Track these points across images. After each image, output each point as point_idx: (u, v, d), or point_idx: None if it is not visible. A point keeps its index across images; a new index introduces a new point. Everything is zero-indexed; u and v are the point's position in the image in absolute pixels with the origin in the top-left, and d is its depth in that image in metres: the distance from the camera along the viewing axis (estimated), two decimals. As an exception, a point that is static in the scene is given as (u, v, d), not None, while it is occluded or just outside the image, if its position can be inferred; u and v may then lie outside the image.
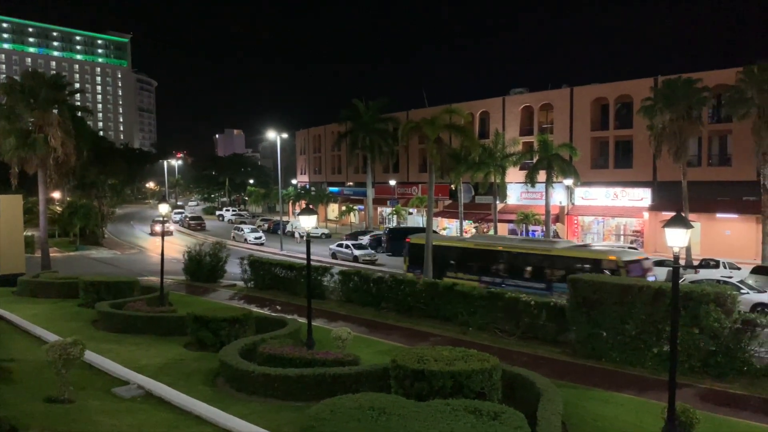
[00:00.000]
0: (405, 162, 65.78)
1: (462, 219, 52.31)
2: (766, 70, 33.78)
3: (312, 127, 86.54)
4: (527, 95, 55.59)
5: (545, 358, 17.80)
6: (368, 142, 56.71)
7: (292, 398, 13.05)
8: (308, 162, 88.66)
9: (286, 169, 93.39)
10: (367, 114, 57.52)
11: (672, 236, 10.11)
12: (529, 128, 53.70)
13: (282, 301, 26.60)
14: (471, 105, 56.23)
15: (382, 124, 57.58)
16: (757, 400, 14.09)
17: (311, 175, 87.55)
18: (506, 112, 55.31)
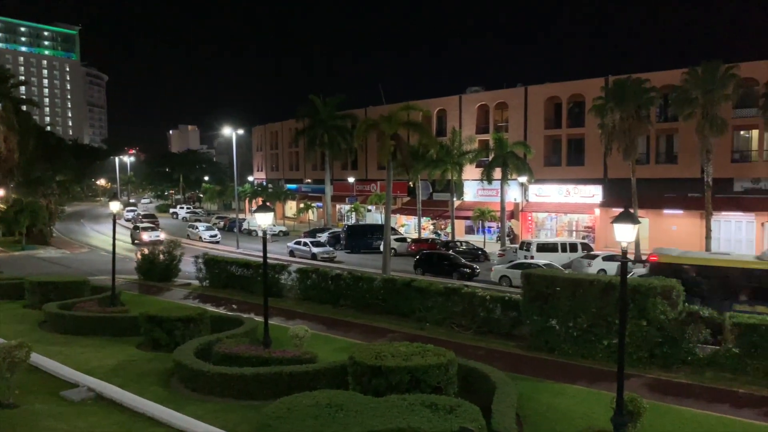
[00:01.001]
0: (364, 159, 65.79)
1: (420, 216, 52.72)
2: (709, 72, 35.19)
3: (269, 123, 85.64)
4: (483, 94, 56.39)
5: (500, 351, 18.12)
6: (326, 139, 56.48)
7: (249, 397, 12.94)
8: (265, 158, 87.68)
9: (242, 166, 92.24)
10: (325, 110, 57.23)
11: (620, 231, 10.44)
12: (485, 126, 54.48)
13: (238, 299, 26.26)
14: (428, 103, 56.61)
15: (340, 121, 57.41)
16: (700, 388, 14.70)
17: (268, 171, 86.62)
18: (463, 110, 55.95)
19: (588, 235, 47.63)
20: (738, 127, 41.43)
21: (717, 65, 35.24)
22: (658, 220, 43.40)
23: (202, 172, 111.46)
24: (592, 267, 32.77)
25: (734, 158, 42.08)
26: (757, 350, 15.27)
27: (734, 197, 40.93)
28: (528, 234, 50.58)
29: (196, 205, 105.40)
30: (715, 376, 15.43)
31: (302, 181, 76.13)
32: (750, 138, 42.35)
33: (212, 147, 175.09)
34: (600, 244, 44.76)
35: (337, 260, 41.71)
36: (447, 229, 53.45)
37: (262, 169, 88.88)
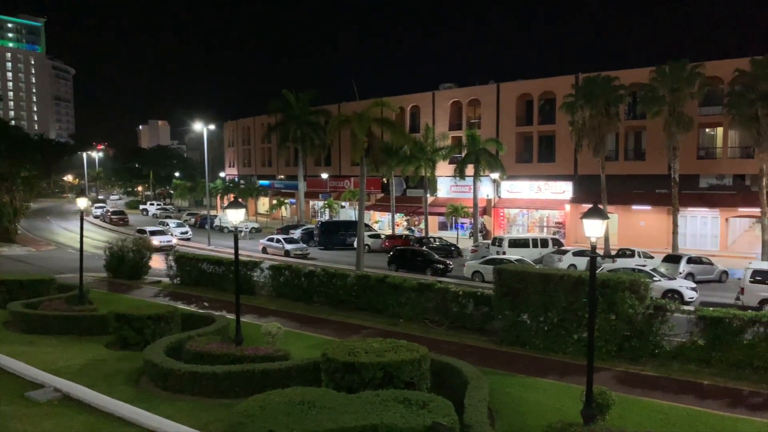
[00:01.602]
0: (337, 155, 65.60)
1: (394, 212, 52.80)
2: (676, 70, 35.92)
3: (241, 119, 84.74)
4: (456, 90, 56.64)
5: (473, 346, 18.28)
6: (299, 135, 56.07)
7: (221, 395, 12.82)
8: (237, 154, 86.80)
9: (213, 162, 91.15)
10: (297, 106, 56.83)
11: (589, 227, 10.61)
12: (458, 123, 54.76)
13: (210, 297, 25.99)
14: (402, 99, 56.72)
15: (313, 117, 57.09)
16: (667, 381, 15.03)
17: (240, 167, 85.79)
18: (436, 106, 56.15)
19: (559, 231, 48.29)
20: (703, 124, 42.39)
21: (683, 64, 36.00)
22: (626, 216, 44.22)
23: (172, 168, 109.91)
24: (562, 262, 33.23)
25: (700, 155, 43.07)
26: (721, 342, 15.70)
27: (700, 193, 41.93)
28: (500, 230, 51.08)
29: (167, 202, 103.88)
30: (681, 368, 15.81)
31: (275, 177, 75.56)
32: (715, 135, 43.39)
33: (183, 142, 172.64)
34: (570, 239, 45.43)
35: (311, 257, 41.56)
36: (421, 225, 53.68)
37: (234, 165, 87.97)
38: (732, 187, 41.51)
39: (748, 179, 40.59)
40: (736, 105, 34.78)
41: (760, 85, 33.52)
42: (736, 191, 40.93)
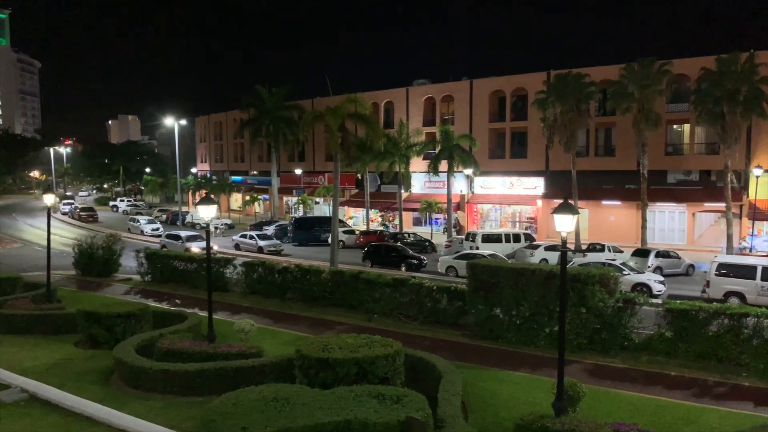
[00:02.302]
0: (311, 151, 65.27)
1: (368, 208, 52.79)
2: (645, 68, 36.57)
3: (213, 114, 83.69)
4: (430, 86, 56.78)
5: (446, 340, 18.41)
6: (272, 130, 55.57)
7: (194, 393, 12.71)
8: (209, 150, 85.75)
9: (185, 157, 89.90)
10: (270, 101, 56.30)
11: (560, 222, 10.76)
12: (431, 119, 54.93)
13: (182, 294, 25.69)
14: (375, 95, 56.65)
15: (286, 112, 56.60)
16: (636, 372, 15.36)
17: (212, 163, 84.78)
18: (410, 102, 56.23)
19: (531, 226, 48.85)
20: (671, 121, 43.27)
21: (652, 62, 36.66)
22: (597, 211, 44.93)
23: (143, 164, 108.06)
24: (534, 257, 33.63)
25: (668, 151, 43.95)
26: (688, 334, 16.08)
27: (668, 189, 42.82)
28: (474, 225, 51.46)
29: (138, 198, 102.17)
30: (649, 359, 16.16)
31: (248, 173, 74.87)
32: (682, 132, 44.31)
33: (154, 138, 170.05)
34: (542, 234, 46.00)
35: (285, 253, 41.31)
36: (395, 221, 53.77)
37: (206, 161, 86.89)
38: (698, 182, 42.49)
39: (713, 175, 41.58)
40: (702, 102, 35.58)
41: (725, 82, 34.31)
42: (703, 186, 41.91)
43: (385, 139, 45.17)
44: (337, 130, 31.27)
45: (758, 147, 39.63)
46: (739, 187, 39.47)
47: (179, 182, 54.32)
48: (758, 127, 38.46)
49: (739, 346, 15.46)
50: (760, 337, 15.33)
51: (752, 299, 22.78)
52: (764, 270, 23.36)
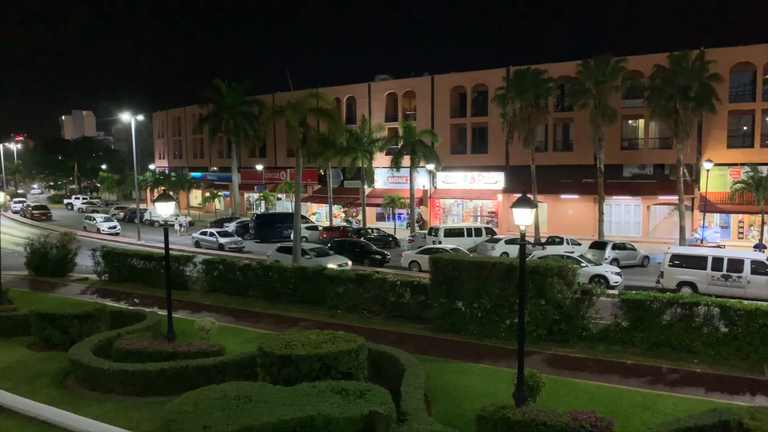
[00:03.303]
0: (272, 146, 64.64)
1: (331, 204, 52.62)
2: (601, 64, 37.41)
3: (171, 109, 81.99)
4: (391, 82, 56.85)
5: (410, 334, 18.53)
6: (232, 126, 54.74)
7: (154, 394, 12.50)
8: (167, 146, 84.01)
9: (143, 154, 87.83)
10: (230, 96, 55.43)
11: (518, 215, 10.94)
12: (394, 114, 55.04)
13: (141, 293, 25.16)
14: (337, 90, 56.42)
15: (246, 107, 55.86)
16: (594, 361, 15.75)
17: (171, 159, 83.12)
18: (372, 98, 56.21)
19: (492, 220, 49.52)
20: (626, 116, 44.39)
21: (608, 58, 37.51)
22: (555, 205, 45.82)
23: (99, 161, 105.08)
24: (495, 250, 34.08)
25: (623, 146, 45.10)
26: (643, 324, 16.57)
27: (623, 182, 43.96)
28: (436, 220, 51.86)
29: (94, 195, 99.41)
30: (607, 349, 16.60)
31: (208, 169, 73.68)
32: (637, 127, 45.53)
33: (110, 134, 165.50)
34: (503, 228, 46.67)
35: (246, 250, 40.86)
36: (358, 216, 53.74)
37: (164, 157, 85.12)
38: (653, 176, 43.75)
39: (667, 169, 42.88)
40: (656, 98, 36.63)
41: (677, 79, 35.40)
42: (657, 180, 43.18)
43: (347, 135, 45.03)
44: (298, 125, 31.00)
45: (709, 141, 41.04)
46: (691, 180, 40.82)
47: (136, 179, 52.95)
48: (709, 122, 39.81)
49: (691, 334, 16.01)
50: (710, 325, 15.92)
51: (703, 289, 23.62)
52: (715, 260, 24.22)
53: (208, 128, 57.64)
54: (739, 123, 42.05)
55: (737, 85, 41.23)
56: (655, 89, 37.09)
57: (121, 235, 50.15)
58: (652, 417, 11.71)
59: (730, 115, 40.86)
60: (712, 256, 24.66)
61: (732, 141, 41.46)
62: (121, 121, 76.92)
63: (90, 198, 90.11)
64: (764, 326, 15.10)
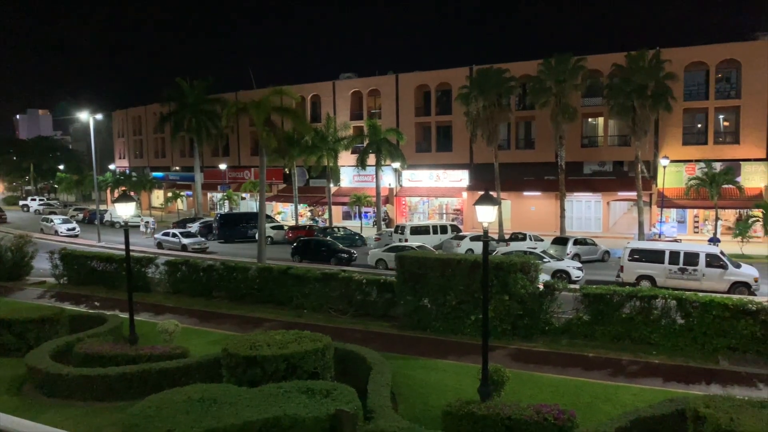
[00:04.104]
0: (236, 145, 63.89)
1: (297, 203, 52.30)
2: (561, 63, 38.10)
3: (131, 108, 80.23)
4: (356, 80, 56.80)
5: (376, 332, 18.58)
6: (194, 124, 53.83)
7: (116, 398, 12.26)
8: (128, 145, 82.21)
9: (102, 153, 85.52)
10: (192, 94, 54.50)
11: (481, 212, 11.08)
12: (359, 113, 55.00)
13: (101, 296, 24.60)
14: (301, 88, 56.09)
15: (209, 105, 54.98)
16: (556, 355, 16.08)
17: (132, 159, 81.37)
18: (337, 96, 56.05)
19: (457, 217, 49.97)
20: (586, 114, 45.33)
21: (568, 57, 38.23)
22: (519, 202, 46.51)
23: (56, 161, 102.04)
24: (460, 247, 34.42)
25: (583, 143, 46.05)
26: (603, 317, 16.97)
27: (584, 179, 44.90)
28: (402, 218, 52.05)
29: (51, 197, 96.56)
30: (569, 342, 16.95)
31: (170, 168, 72.37)
32: (597, 125, 46.53)
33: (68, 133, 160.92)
34: (468, 225, 47.14)
35: (210, 251, 40.29)
36: (324, 215, 53.55)
37: (124, 157, 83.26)
38: (612, 173, 44.81)
39: (625, 165, 43.97)
40: (614, 96, 37.53)
41: (634, 78, 36.30)
42: (616, 177, 44.24)
43: (312, 133, 44.84)
44: (262, 123, 30.73)
45: (665, 139, 42.22)
46: (648, 176, 41.91)
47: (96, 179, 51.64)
48: (665, 120, 40.95)
49: (650, 326, 16.48)
50: (667, 317, 16.41)
51: (661, 282, 24.30)
52: (672, 254, 24.94)
53: (169, 127, 56.65)
54: (693, 121, 43.38)
55: (691, 84, 42.53)
56: (613, 88, 38.00)
57: (81, 236, 48.89)
58: (613, 408, 12.00)
59: (685, 113, 42.12)
60: (669, 250, 25.37)
61: (687, 138, 42.76)
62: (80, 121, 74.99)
63: (47, 199, 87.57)
64: (718, 317, 15.64)
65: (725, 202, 38.15)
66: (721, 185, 36.28)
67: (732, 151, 41.00)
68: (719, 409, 8.55)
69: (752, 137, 40.30)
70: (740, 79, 40.91)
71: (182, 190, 67.01)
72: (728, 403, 8.76)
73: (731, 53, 40.57)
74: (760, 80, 39.63)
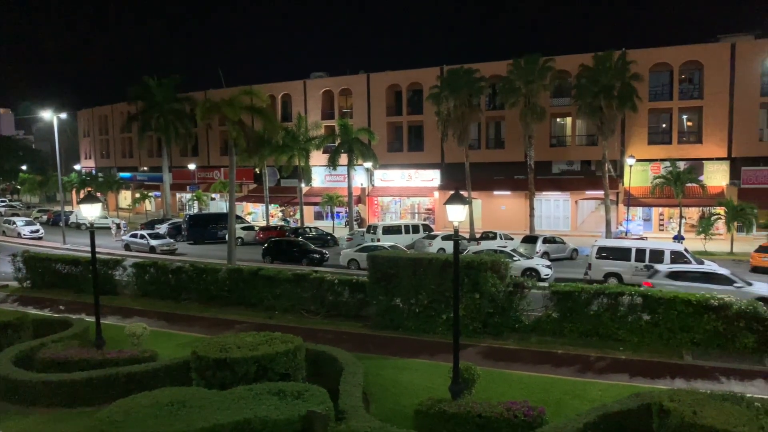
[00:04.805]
0: (205, 145, 63.08)
1: (268, 203, 51.88)
2: (530, 64, 38.56)
3: (97, 107, 78.55)
4: (327, 79, 56.58)
5: (348, 333, 18.56)
6: (163, 123, 52.93)
7: (82, 404, 12.05)
8: (94, 145, 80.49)
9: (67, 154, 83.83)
10: (160, 93, 53.54)
11: (452, 212, 11.16)
12: (330, 112, 54.82)
13: (67, 300, 24.07)
14: (272, 87, 55.67)
15: (177, 104, 54.12)
16: (526, 352, 16.28)
17: (98, 159, 79.70)
18: (308, 95, 55.77)
19: (429, 217, 50.20)
20: (555, 114, 45.97)
21: (536, 58, 38.71)
22: (489, 201, 46.94)
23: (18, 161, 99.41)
24: (432, 246, 34.58)
25: (552, 143, 46.69)
26: (572, 314, 17.25)
27: (553, 178, 45.54)
28: (375, 218, 52.07)
29: (14, 198, 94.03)
30: (538, 340, 17.19)
31: (137, 169, 71.08)
32: (565, 124, 47.23)
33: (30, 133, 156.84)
34: (440, 224, 47.38)
35: (179, 252, 39.71)
36: (296, 215, 53.24)
37: (90, 157, 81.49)
38: (580, 172, 45.54)
39: (593, 165, 44.72)
40: (582, 96, 38.15)
41: (601, 78, 36.96)
42: (584, 176, 44.96)
43: (283, 133, 44.51)
44: (234, 122, 30.41)
45: (631, 138, 43.08)
46: (615, 175, 42.70)
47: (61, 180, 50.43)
48: (631, 120, 41.78)
49: (617, 322, 16.81)
50: (634, 314, 16.76)
51: (628, 279, 24.77)
52: (638, 252, 25.47)
53: (137, 126, 55.59)
54: (658, 121, 44.36)
55: (656, 84, 43.48)
56: (581, 88, 38.60)
57: (45, 239, 47.70)
58: (582, 404, 12.20)
59: (650, 113, 43.04)
60: (635, 247, 25.90)
61: (652, 138, 43.69)
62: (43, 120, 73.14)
63: (9, 200, 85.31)
64: (682, 313, 16.04)
65: (689, 200, 39.11)
66: (685, 184, 37.17)
67: (695, 151, 42.04)
68: (683, 402, 8.76)
69: (714, 137, 41.39)
70: (703, 80, 42.00)
71: (150, 190, 65.86)
72: (692, 397, 8.99)
73: (694, 55, 41.62)
74: (721, 81, 40.73)
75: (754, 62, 39.69)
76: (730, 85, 40.62)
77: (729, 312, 15.63)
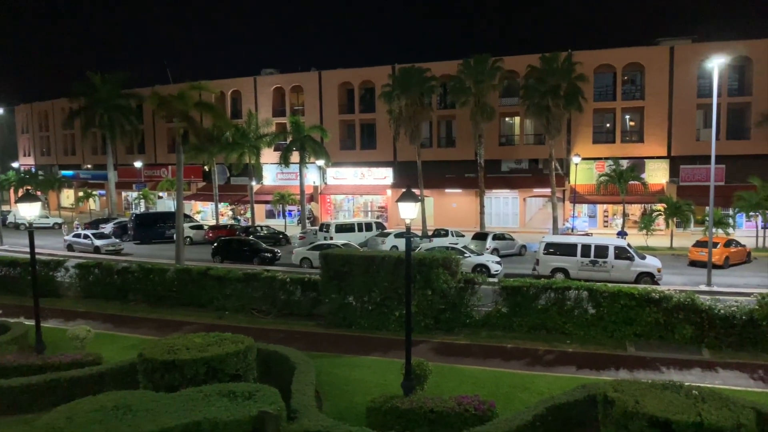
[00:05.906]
0: (152, 142, 61.44)
1: (217, 201, 50.94)
2: (480, 64, 39.16)
3: (36, 102, 75.37)
4: (278, 76, 55.97)
5: (301, 332, 18.44)
6: (107, 120, 51.16)
7: (22, 411, 11.55)
8: (33, 142, 77.22)
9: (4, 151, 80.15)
10: (104, 88, 51.67)
11: (403, 209, 11.23)
12: (281, 109, 54.27)
13: (5, 303, 22.99)
14: (221, 83, 54.67)
15: (123, 100, 52.40)
16: (477, 347, 16.55)
17: (38, 157, 76.54)
18: (258, 92, 55.04)
19: (382, 215, 50.34)
20: (504, 114, 46.86)
21: (486, 58, 39.35)
22: (441, 199, 47.45)
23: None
24: (385, 244, 34.70)
25: (501, 142, 47.57)
26: (521, 309, 17.63)
27: (502, 176, 46.40)
28: (327, 216, 51.86)
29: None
30: (489, 334, 17.50)
31: (81, 167, 68.61)
32: (513, 124, 48.19)
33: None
34: (393, 222, 47.61)
35: (125, 252, 38.57)
36: (247, 214, 52.49)
37: (30, 154, 78.15)
38: (528, 170, 46.56)
39: (540, 163, 45.78)
40: (530, 96, 39.01)
41: (548, 79, 37.86)
42: (532, 174, 46.00)
43: (233, 130, 43.77)
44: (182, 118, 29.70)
45: (577, 137, 44.31)
46: (562, 173, 43.85)
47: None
48: (576, 119, 42.99)
49: (564, 316, 17.27)
50: (580, 308, 17.25)
51: (574, 274, 25.48)
52: (583, 247, 26.21)
53: (79, 123, 53.55)
54: (602, 120, 45.80)
55: (600, 85, 44.89)
56: (528, 88, 39.44)
57: (-20, 240, 45.42)
58: (531, 396, 12.48)
59: (595, 113, 44.39)
60: (581, 243, 26.65)
61: (597, 137, 45.08)
62: (-23, 115, 69.57)
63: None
64: (626, 306, 16.61)
65: (632, 197, 40.54)
66: (627, 181, 38.49)
67: (637, 149, 43.61)
68: (626, 392, 9.09)
69: (655, 136, 43.02)
70: (644, 81, 43.58)
71: (94, 189, 63.76)
72: (634, 387, 9.33)
73: (636, 57, 43.14)
74: (661, 83, 42.38)
75: (691, 65, 41.43)
76: (669, 87, 42.32)
77: (669, 304, 16.28)
